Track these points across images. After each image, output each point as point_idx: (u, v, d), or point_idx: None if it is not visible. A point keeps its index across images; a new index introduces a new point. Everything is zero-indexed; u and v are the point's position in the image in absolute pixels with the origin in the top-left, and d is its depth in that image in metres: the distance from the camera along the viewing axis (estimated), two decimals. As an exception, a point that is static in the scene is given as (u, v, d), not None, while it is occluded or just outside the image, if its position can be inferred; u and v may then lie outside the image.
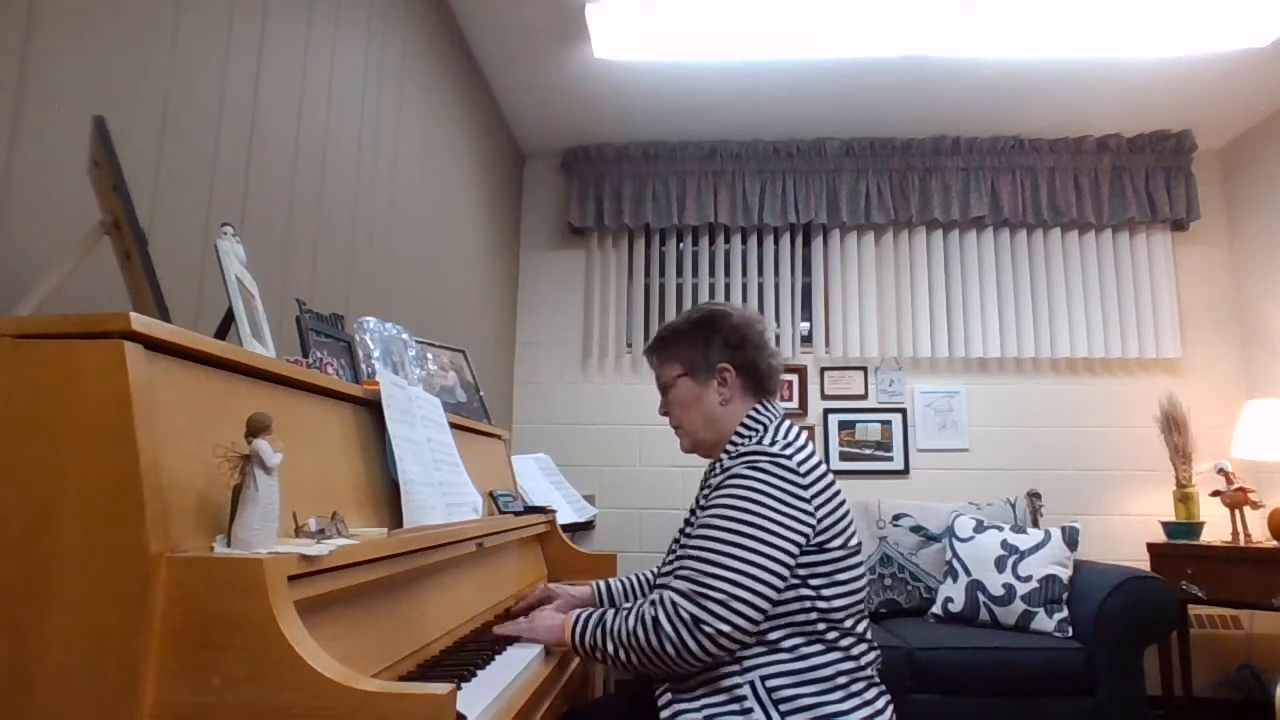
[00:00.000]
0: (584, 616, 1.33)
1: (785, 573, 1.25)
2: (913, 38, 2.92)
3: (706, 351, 1.46)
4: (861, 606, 1.34)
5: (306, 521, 0.97)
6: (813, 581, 1.28)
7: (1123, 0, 2.71)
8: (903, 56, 3.09)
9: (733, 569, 1.22)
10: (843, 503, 1.35)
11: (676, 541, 1.49)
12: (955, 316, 3.81)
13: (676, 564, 1.32)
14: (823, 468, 1.36)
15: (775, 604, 1.25)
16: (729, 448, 1.42)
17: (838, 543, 1.30)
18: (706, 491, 1.41)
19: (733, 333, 1.46)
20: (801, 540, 1.27)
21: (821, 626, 1.27)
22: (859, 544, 1.36)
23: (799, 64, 3.19)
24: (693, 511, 1.46)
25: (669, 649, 1.22)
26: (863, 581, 1.34)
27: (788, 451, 1.32)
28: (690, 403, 1.47)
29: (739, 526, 1.25)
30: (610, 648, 1.27)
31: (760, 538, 1.24)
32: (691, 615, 1.21)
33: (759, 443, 1.34)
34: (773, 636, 1.26)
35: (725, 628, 1.20)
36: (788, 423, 1.43)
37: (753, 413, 1.44)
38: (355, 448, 1.28)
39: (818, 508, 1.30)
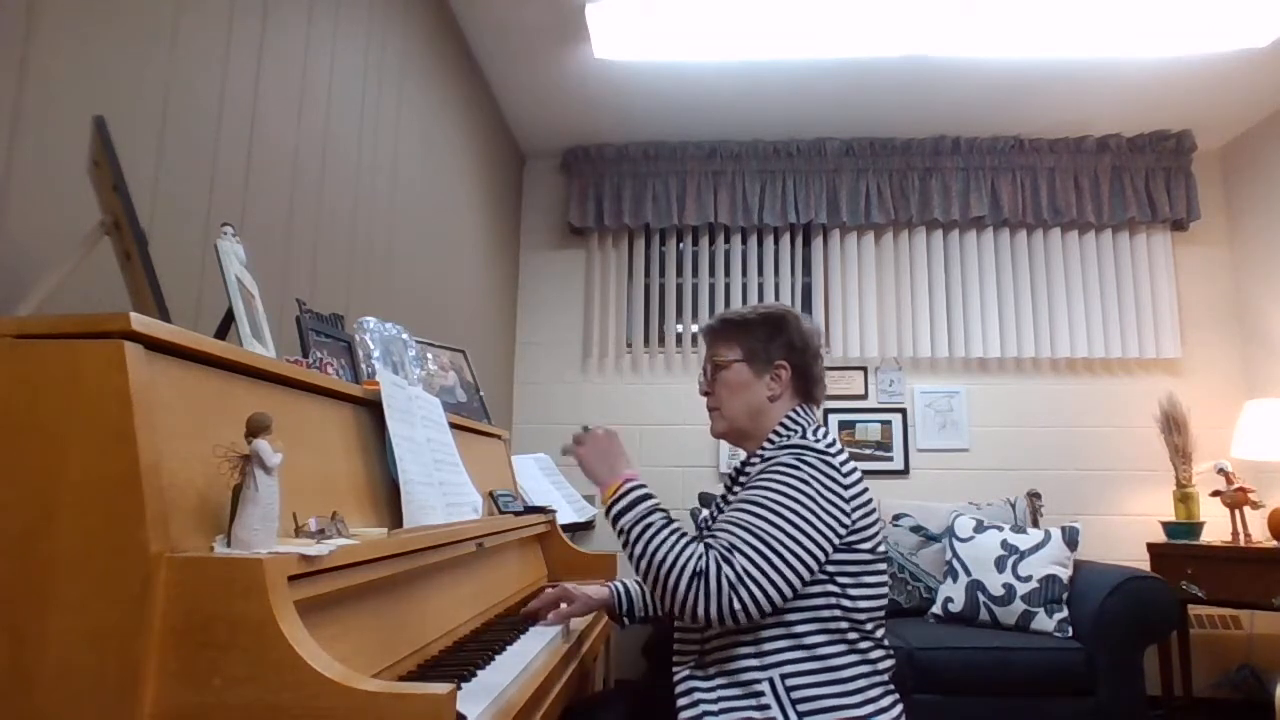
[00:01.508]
0: (634, 498, 1.29)
1: (815, 565, 1.26)
2: (913, 38, 2.92)
3: (769, 345, 1.48)
4: (883, 612, 1.35)
5: (306, 521, 0.97)
6: (840, 579, 1.29)
7: (1123, 0, 2.71)
8: (903, 56, 3.09)
9: (771, 547, 1.23)
10: (874, 510, 1.36)
11: (706, 524, 1.48)
12: (955, 316, 3.81)
13: (715, 530, 1.31)
14: (859, 473, 1.37)
15: (800, 596, 1.26)
16: (767, 444, 1.43)
17: (867, 546, 1.32)
18: (744, 479, 1.42)
19: (797, 335, 1.48)
20: (835, 538, 1.28)
21: (844, 625, 1.28)
22: (885, 551, 1.37)
23: (799, 64, 3.19)
24: (725, 499, 1.47)
25: (681, 589, 1.20)
26: (885, 588, 1.35)
27: (831, 450, 1.34)
28: (739, 388, 1.48)
29: (782, 510, 1.26)
30: (637, 549, 1.25)
31: (800, 525, 1.25)
32: (728, 580, 1.20)
33: (802, 438, 1.36)
34: (799, 630, 1.27)
35: (748, 599, 1.20)
36: (825, 428, 1.44)
37: (793, 413, 1.45)
38: (355, 448, 1.28)
39: (854, 509, 1.31)
